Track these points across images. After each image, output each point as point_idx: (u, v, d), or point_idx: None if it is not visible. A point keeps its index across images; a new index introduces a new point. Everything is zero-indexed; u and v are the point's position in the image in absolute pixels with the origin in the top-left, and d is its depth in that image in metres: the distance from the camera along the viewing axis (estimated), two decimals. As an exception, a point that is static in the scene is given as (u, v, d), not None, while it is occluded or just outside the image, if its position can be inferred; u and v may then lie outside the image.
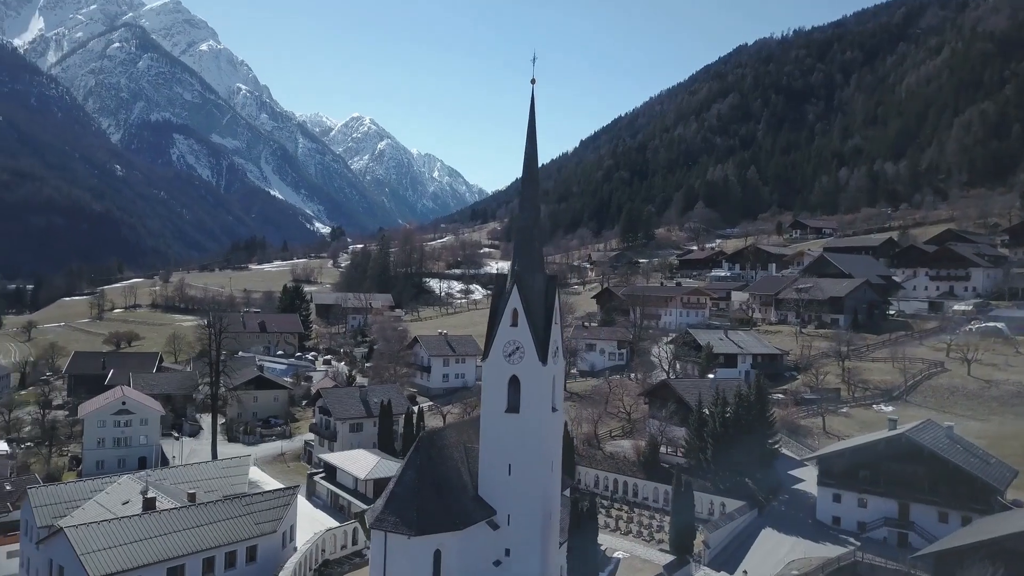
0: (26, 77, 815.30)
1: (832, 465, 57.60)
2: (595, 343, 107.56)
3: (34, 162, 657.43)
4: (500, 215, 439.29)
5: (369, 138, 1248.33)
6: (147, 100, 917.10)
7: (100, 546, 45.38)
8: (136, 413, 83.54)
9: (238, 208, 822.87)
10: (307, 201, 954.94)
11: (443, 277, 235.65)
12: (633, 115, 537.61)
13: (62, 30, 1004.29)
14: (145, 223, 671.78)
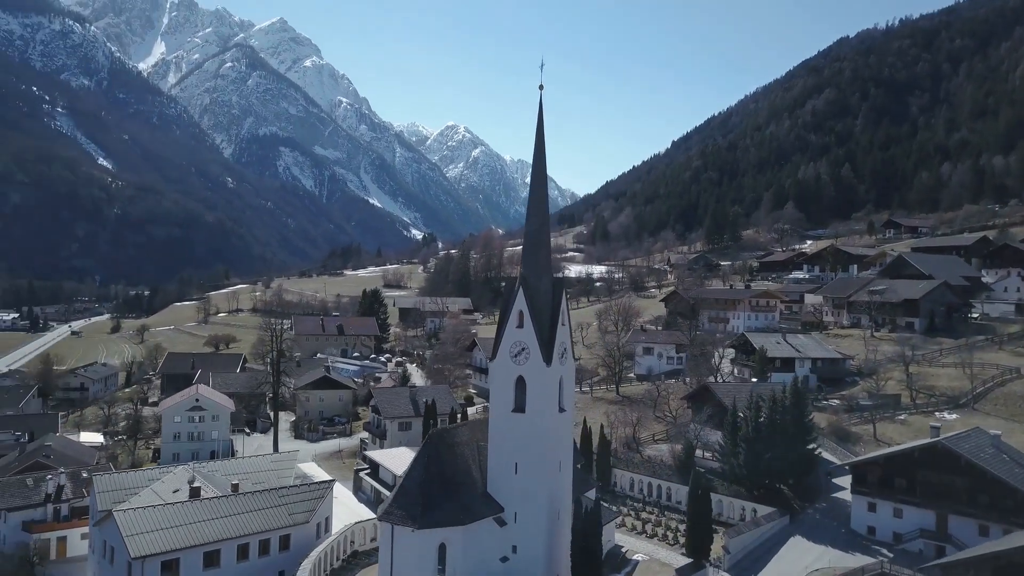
0: (149, 98, 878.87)
1: (867, 473, 55.48)
2: (652, 347, 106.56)
3: (156, 177, 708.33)
4: (587, 219, 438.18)
5: (464, 146, 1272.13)
6: (256, 116, 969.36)
7: (144, 529, 49.51)
8: (208, 410, 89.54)
9: (339, 216, 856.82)
10: (404, 209, 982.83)
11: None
12: (727, 114, 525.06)
13: (181, 53, 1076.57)
14: (253, 232, 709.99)
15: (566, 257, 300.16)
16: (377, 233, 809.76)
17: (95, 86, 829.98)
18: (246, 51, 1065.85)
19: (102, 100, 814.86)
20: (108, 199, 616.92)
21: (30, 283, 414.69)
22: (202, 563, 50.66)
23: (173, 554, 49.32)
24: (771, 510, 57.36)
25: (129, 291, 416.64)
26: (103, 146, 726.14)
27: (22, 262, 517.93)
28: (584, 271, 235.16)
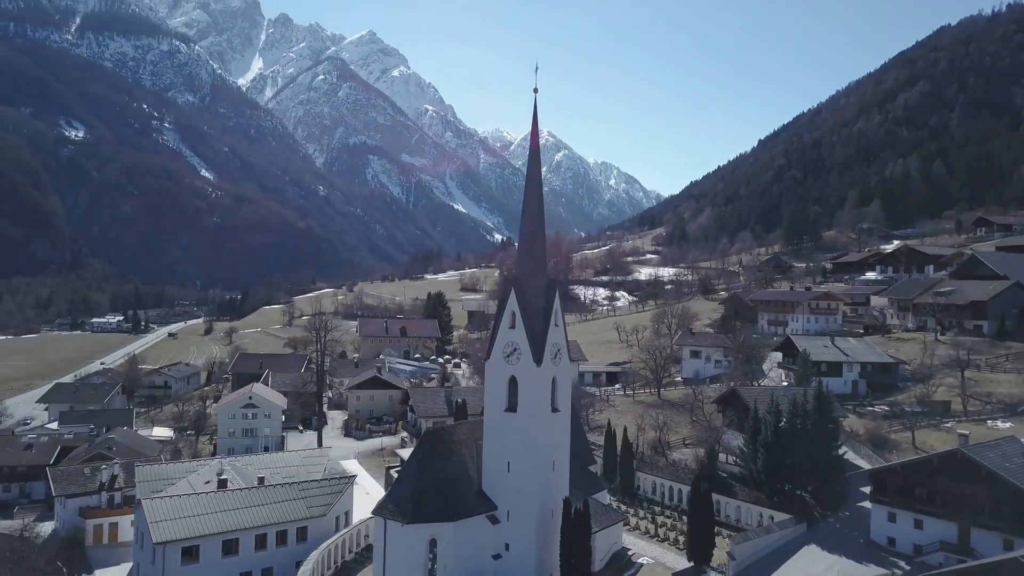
0: (247, 111, 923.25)
1: (887, 481, 53.10)
2: (700, 350, 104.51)
3: (252, 187, 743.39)
4: (666, 220, 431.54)
5: (546, 150, 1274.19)
6: (346, 126, 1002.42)
7: (167, 517, 52.97)
8: (261, 407, 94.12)
9: (425, 222, 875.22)
10: (488, 214, 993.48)
11: (588, 284, 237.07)
12: (816, 110, 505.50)
13: (277, 67, 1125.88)
14: (343, 238, 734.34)
15: (641, 260, 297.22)
16: (461, 238, 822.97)
17: (198, 102, 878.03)
18: (337, 63, 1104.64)
19: (205, 115, 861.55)
20: (208, 208, 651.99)
21: (136, 288, 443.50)
22: (221, 551, 53.66)
23: (193, 541, 52.51)
24: (786, 517, 55.74)
25: (225, 295, 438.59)
26: (205, 158, 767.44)
27: (132, 268, 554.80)
28: (654, 274, 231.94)
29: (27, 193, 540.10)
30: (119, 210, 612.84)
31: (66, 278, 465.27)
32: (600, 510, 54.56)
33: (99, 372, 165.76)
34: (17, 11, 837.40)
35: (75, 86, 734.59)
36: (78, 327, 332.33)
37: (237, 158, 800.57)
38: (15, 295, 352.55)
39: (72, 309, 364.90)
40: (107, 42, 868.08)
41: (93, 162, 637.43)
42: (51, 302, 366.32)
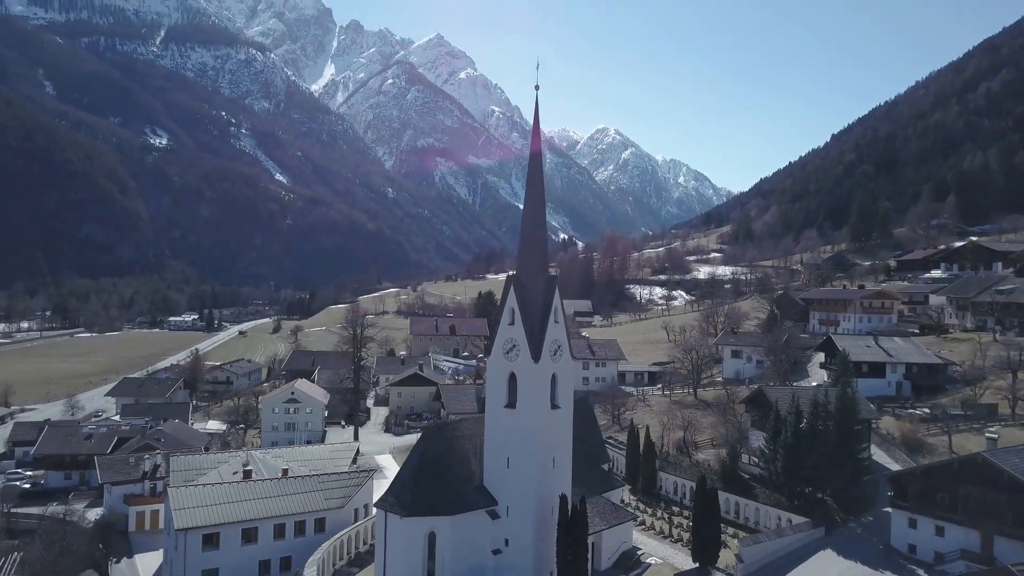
0: (319, 117, 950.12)
1: (907, 486, 50.91)
2: (741, 350, 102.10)
3: (324, 190, 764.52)
4: (734, 218, 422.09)
5: (614, 148, 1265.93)
6: (414, 128, 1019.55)
7: (189, 504, 55.40)
8: (303, 403, 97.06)
9: (490, 223, 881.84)
10: (553, 214, 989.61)
11: (645, 283, 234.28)
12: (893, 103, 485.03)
13: (348, 73, 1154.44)
14: (411, 239, 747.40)
15: (705, 258, 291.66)
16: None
17: (273, 108, 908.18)
18: (405, 67, 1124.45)
19: (280, 121, 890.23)
20: (282, 211, 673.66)
21: (212, 288, 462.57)
22: (241, 539, 55.75)
23: (213, 528, 54.73)
24: (803, 520, 54.12)
25: (295, 295, 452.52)
26: (279, 163, 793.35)
27: (210, 269, 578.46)
28: (714, 272, 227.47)
29: (114, 199, 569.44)
30: (198, 214, 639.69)
31: (149, 279, 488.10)
32: (609, 509, 54.29)
33: (167, 368, 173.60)
34: (108, 27, 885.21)
35: (159, 96, 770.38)
36: (157, 325, 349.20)
37: (310, 162, 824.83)
38: (101, 295, 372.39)
39: (152, 308, 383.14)
40: (189, 53, 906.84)
41: (175, 168, 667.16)
42: (133, 302, 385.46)
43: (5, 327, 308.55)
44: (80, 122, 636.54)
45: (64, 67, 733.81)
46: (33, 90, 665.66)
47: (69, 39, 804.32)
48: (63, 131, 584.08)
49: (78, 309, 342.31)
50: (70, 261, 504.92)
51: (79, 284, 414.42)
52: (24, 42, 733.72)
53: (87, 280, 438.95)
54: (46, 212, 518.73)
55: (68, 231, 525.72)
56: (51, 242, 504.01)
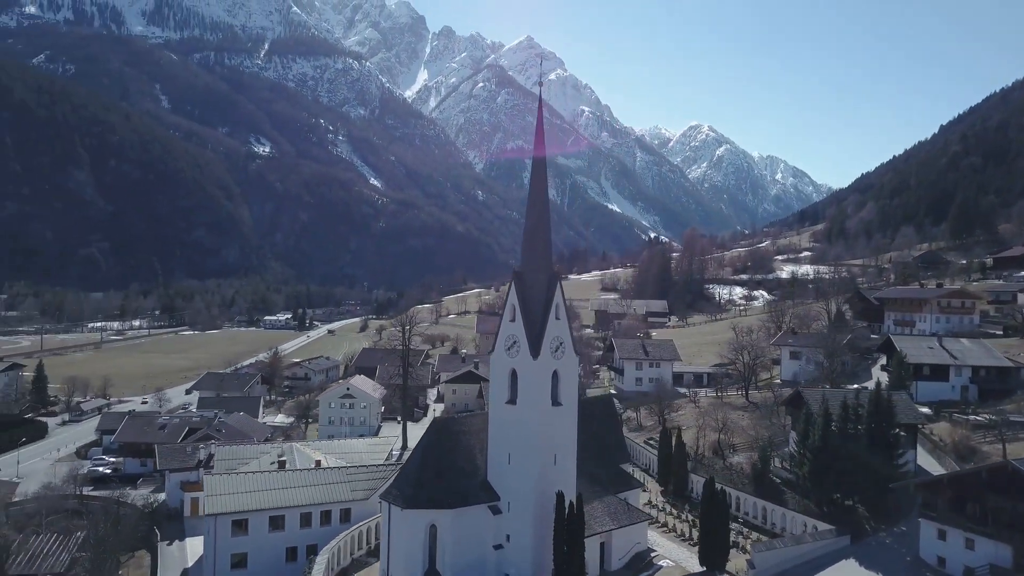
0: (412, 122, 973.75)
1: (937, 495, 47.75)
2: (800, 351, 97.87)
3: (416, 193, 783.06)
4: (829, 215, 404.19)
5: (707, 145, 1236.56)
6: (504, 131, 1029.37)
7: (221, 491, 58.36)
8: (357, 398, 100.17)
9: (579, 223, 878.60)
10: (644, 213, 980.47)
11: (725, 283, 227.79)
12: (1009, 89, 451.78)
13: (440, 78, 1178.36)
14: (499, 240, 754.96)
15: (793, 257, 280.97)
16: (615, 238, 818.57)
17: (369, 115, 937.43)
18: (496, 71, 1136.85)
19: (375, 126, 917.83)
20: (375, 214, 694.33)
21: (307, 288, 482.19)
22: (268, 526, 58.25)
23: (242, 514, 57.46)
24: (828, 528, 51.68)
25: (385, 295, 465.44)
26: (374, 168, 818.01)
27: (308, 271, 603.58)
28: (795, 272, 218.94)
29: (221, 205, 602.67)
30: (298, 218, 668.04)
31: (252, 280, 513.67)
32: (621, 509, 53.53)
33: (251, 364, 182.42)
34: (217, 42, 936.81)
35: (263, 106, 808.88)
36: (254, 324, 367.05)
37: (403, 166, 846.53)
38: (204, 295, 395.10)
39: (251, 308, 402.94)
40: (290, 64, 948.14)
41: (277, 175, 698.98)
42: (234, 301, 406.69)
43: (119, 325, 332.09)
44: (191, 133, 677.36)
45: (178, 82, 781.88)
46: (150, 104, 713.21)
47: (182, 55, 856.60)
48: (175, 142, 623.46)
49: (183, 308, 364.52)
50: (180, 263, 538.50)
51: (187, 285, 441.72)
52: (143, 60, 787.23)
53: (194, 281, 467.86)
54: (159, 218, 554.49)
55: (179, 235, 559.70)
56: (164, 246, 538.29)
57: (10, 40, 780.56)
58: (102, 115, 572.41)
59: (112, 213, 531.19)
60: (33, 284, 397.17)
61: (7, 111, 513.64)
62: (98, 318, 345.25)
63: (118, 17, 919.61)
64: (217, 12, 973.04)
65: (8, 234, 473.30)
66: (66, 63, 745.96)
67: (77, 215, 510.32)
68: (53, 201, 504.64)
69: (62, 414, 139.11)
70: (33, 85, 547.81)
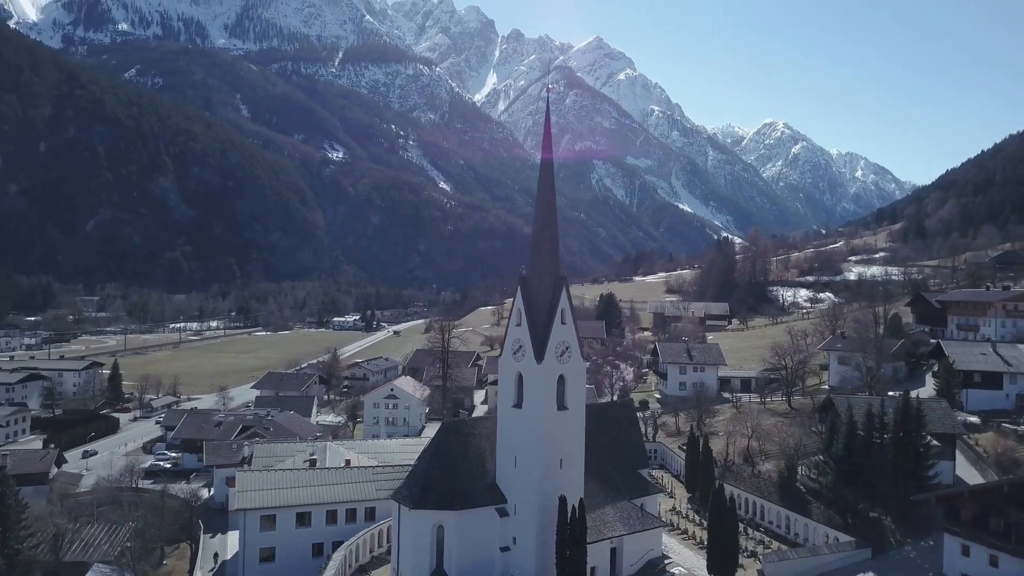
0: (481, 125, 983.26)
1: (960, 508, 45.60)
2: (849, 356, 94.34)
3: (484, 196, 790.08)
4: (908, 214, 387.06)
5: (782, 143, 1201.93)
6: (572, 132, 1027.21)
7: (251, 488, 60.80)
8: (401, 399, 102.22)
9: (648, 223, 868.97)
10: (715, 213, 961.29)
11: (790, 285, 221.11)
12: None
13: (509, 82, 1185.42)
14: (565, 242, 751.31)
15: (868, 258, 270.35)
16: (686, 238, 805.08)
17: (438, 119, 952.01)
18: (564, 72, 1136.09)
19: (444, 131, 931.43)
20: (443, 217, 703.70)
21: (376, 291, 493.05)
22: (295, 522, 60.31)
23: (270, 510, 59.70)
24: (848, 540, 50.03)
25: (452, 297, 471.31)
26: (443, 171, 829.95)
27: (378, 273, 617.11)
28: (863, 273, 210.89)
29: (296, 209, 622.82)
30: (369, 221, 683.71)
31: (325, 283, 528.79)
32: (635, 515, 53.03)
33: (313, 364, 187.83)
34: (294, 52, 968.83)
35: (337, 113, 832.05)
36: (323, 325, 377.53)
37: (471, 169, 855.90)
38: (278, 297, 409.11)
39: (322, 309, 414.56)
40: (363, 72, 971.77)
41: (349, 179, 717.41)
42: (305, 303, 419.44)
43: (197, 326, 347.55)
44: (269, 140, 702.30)
45: (257, 91, 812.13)
46: (231, 113, 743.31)
47: (261, 65, 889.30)
48: (254, 149, 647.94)
49: (257, 310, 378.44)
50: (258, 266, 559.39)
51: (262, 287, 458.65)
52: (225, 71, 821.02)
53: (270, 283, 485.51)
54: (238, 222, 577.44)
55: (256, 239, 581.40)
56: (242, 249, 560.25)
57: (104, 56, 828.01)
58: (185, 125, 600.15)
59: (194, 218, 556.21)
60: (122, 287, 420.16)
61: (100, 123, 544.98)
62: (179, 319, 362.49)
63: (202, 31, 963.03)
64: (294, 23, 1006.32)
65: (102, 239, 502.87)
66: (154, 76, 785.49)
67: (162, 220, 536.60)
68: (140, 207, 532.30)
69: (134, 411, 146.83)
70: (123, 98, 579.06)
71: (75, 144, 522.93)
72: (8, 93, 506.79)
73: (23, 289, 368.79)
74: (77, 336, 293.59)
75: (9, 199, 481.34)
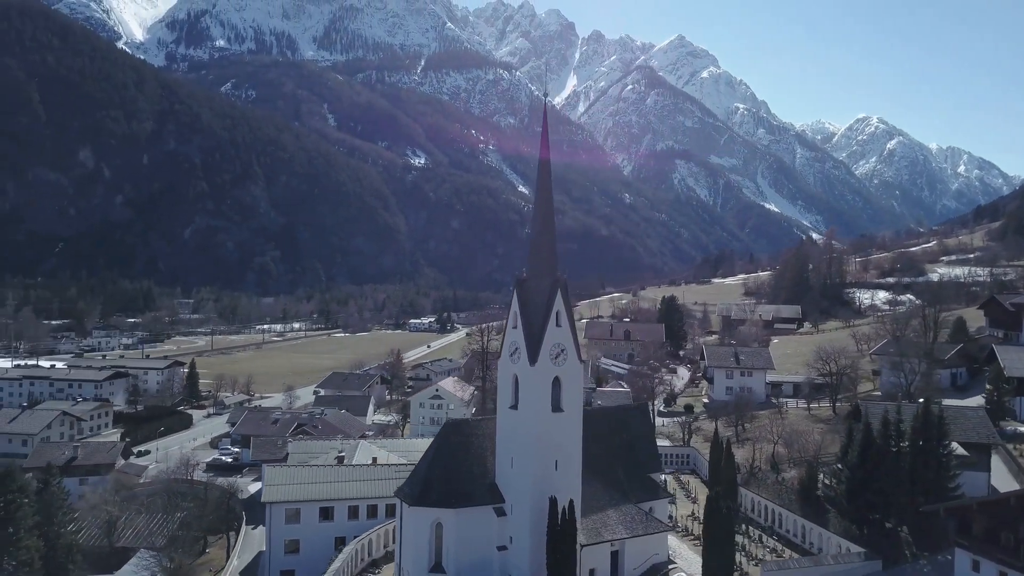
0: (560, 128, 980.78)
1: (971, 521, 43.29)
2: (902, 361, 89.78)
3: (561, 198, 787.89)
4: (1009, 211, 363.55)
5: (876, 139, 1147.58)
6: (653, 132, 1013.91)
7: (278, 482, 63.68)
8: (445, 399, 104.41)
9: (732, 224, 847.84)
10: (804, 212, 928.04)
11: (868, 287, 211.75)
12: None
13: (589, 83, 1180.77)
14: (645, 243, 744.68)
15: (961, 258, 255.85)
16: (772, 239, 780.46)
17: (518, 123, 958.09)
18: (645, 72, 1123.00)
19: (524, 134, 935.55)
20: (520, 221, 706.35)
21: (454, 293, 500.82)
22: (319, 516, 62.75)
23: (295, 504, 62.33)
24: (858, 551, 48.22)
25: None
26: (522, 175, 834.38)
27: (457, 276, 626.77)
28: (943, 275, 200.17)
29: (378, 214, 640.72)
30: (449, 226, 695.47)
31: (405, 286, 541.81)
32: (639, 518, 52.69)
33: (378, 366, 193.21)
34: (378, 61, 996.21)
35: (419, 119, 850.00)
36: (400, 327, 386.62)
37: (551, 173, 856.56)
38: (358, 300, 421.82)
39: (400, 312, 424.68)
40: (444, 78, 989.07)
41: (430, 185, 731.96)
42: (384, 305, 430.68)
43: (280, 327, 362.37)
44: (353, 148, 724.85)
45: (343, 100, 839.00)
46: (319, 123, 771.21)
47: (347, 75, 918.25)
48: (339, 157, 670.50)
49: (338, 312, 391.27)
50: (342, 270, 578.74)
51: (345, 290, 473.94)
52: (313, 82, 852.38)
53: (353, 287, 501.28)
54: (324, 228, 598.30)
55: (341, 244, 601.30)
56: (327, 254, 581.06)
57: (203, 71, 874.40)
58: (274, 135, 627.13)
59: (283, 224, 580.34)
60: (216, 290, 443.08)
61: (197, 135, 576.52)
62: (265, 321, 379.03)
63: (292, 44, 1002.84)
64: (379, 33, 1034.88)
65: (198, 246, 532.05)
66: (248, 89, 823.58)
67: (253, 227, 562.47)
68: (233, 214, 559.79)
69: (208, 408, 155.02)
70: (218, 111, 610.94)
71: (174, 156, 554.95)
72: (115, 110, 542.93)
73: (127, 293, 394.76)
74: (171, 337, 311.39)
75: (116, 209, 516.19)
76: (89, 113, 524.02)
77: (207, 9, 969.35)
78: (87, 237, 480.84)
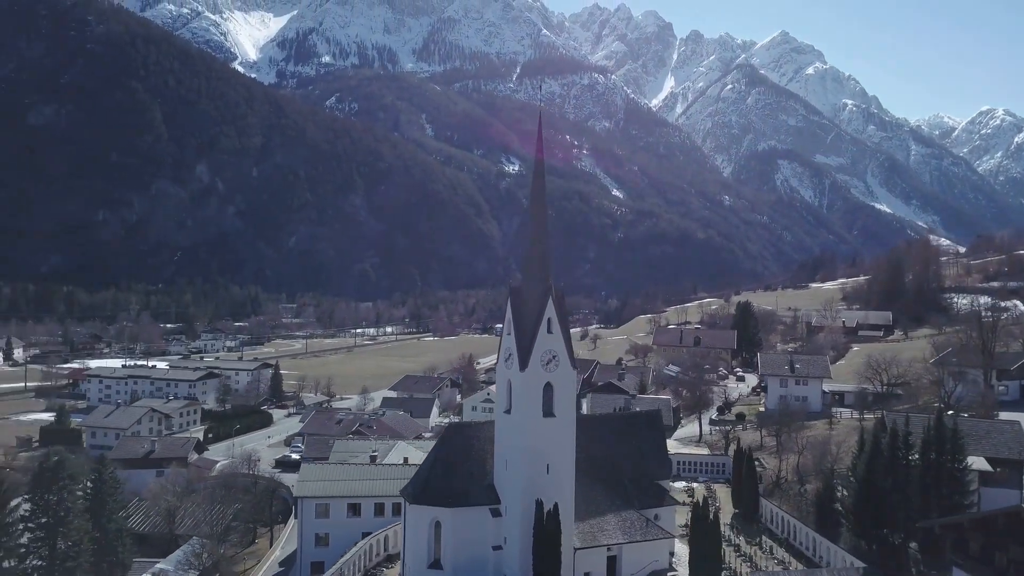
0: (656, 130, 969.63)
1: (967, 540, 41.18)
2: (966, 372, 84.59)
3: (657, 201, 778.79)
4: None
5: (1002, 132, 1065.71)
6: (755, 132, 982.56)
7: (311, 478, 67.50)
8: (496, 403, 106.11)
9: (839, 226, 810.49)
10: (919, 212, 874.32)
11: (969, 291, 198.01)
12: None
13: (688, 84, 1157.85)
14: (745, 247, 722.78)
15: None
16: (883, 241, 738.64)
17: (613, 126, 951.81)
18: (746, 71, 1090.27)
19: (618, 138, 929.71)
20: (613, 225, 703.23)
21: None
22: (347, 511, 66.10)
23: (325, 500, 65.93)
24: (860, 566, 46.64)
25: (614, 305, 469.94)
26: (616, 179, 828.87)
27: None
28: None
29: (472, 221, 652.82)
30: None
31: (497, 290, 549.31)
32: (639, 524, 52.89)
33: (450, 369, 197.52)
34: (474, 71, 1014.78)
35: (514, 126, 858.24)
36: (487, 331, 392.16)
37: (646, 176, 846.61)
38: (448, 304, 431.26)
39: (489, 316, 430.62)
40: (539, 85, 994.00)
41: (524, 191, 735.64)
42: (475, 310, 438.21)
43: (374, 330, 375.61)
44: (449, 157, 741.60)
45: (441, 110, 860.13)
46: (417, 133, 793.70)
47: (445, 85, 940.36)
48: (435, 166, 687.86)
49: (429, 316, 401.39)
50: (437, 276, 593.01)
51: (438, 295, 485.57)
52: (412, 93, 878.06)
53: (447, 292, 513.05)
54: (420, 235, 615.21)
55: (436, 250, 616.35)
56: (423, 260, 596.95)
57: (310, 87, 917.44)
58: (374, 146, 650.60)
59: (381, 232, 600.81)
60: (318, 296, 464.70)
61: (302, 148, 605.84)
62: (361, 325, 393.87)
63: (393, 57, 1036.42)
64: (475, 43, 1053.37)
65: (301, 253, 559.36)
66: (351, 102, 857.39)
67: (353, 235, 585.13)
68: (335, 223, 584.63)
69: (290, 407, 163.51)
70: (321, 125, 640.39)
71: (281, 168, 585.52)
72: (228, 126, 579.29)
73: (236, 299, 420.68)
74: (271, 340, 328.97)
75: (228, 220, 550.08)
76: (205, 130, 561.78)
77: (314, 27, 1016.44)
78: (202, 246, 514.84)
